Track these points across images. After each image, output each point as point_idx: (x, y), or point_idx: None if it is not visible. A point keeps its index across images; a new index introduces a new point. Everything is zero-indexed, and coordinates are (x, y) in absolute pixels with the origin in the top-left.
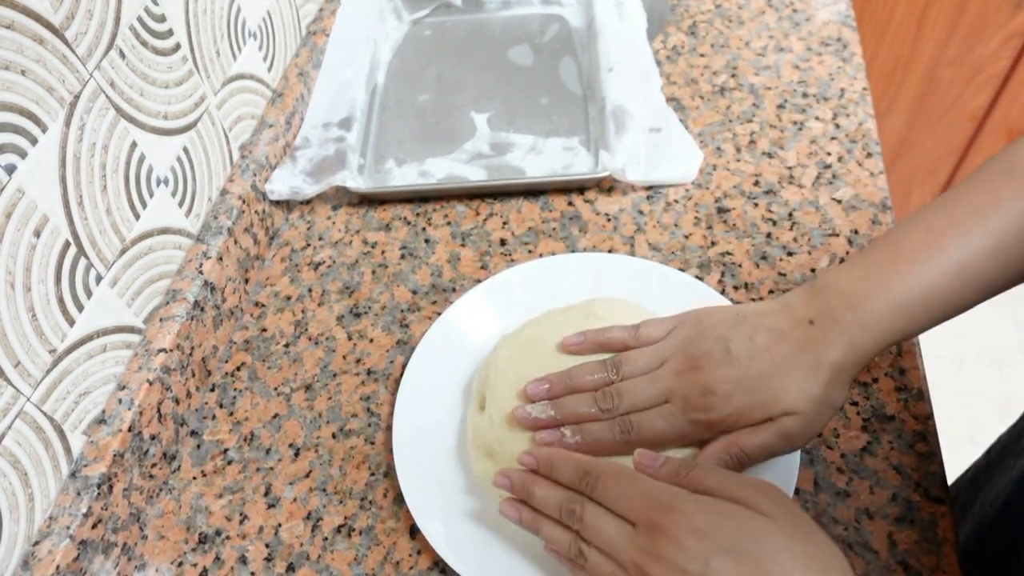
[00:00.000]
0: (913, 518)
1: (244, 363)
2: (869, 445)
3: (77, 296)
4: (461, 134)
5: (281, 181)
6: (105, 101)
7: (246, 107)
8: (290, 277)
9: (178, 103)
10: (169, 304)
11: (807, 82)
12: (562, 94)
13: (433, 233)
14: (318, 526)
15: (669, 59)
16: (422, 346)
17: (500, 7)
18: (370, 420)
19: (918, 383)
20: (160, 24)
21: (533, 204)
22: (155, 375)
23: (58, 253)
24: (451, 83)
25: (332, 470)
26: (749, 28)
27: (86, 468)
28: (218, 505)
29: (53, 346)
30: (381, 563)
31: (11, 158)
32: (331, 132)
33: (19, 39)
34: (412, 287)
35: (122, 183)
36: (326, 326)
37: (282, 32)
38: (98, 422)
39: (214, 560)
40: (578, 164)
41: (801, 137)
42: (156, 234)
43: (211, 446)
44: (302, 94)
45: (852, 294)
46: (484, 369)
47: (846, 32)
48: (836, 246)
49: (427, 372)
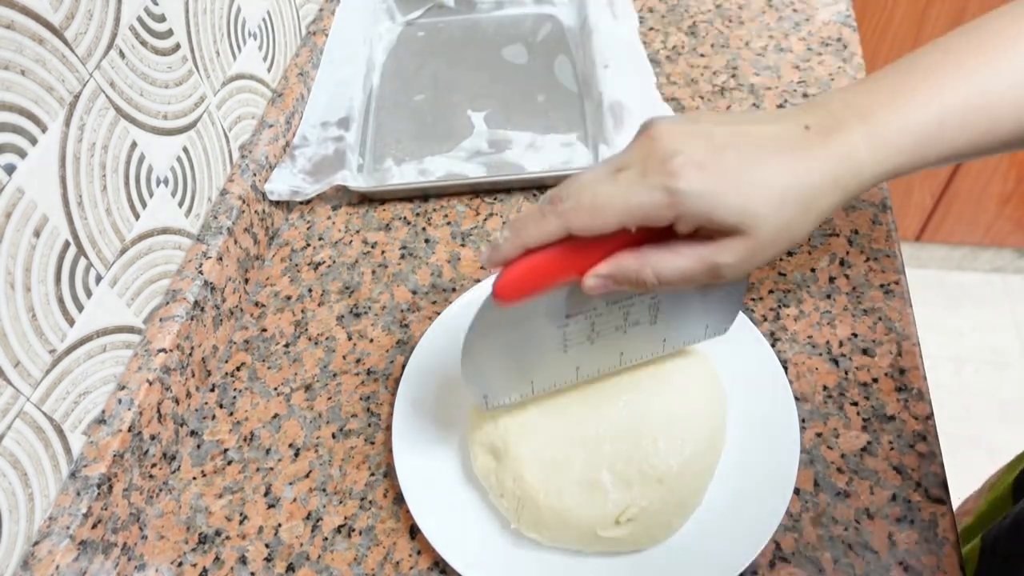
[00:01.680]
0: (913, 518)
1: (244, 363)
2: (869, 445)
3: (77, 296)
4: (459, 132)
5: (281, 181)
6: (105, 101)
7: (246, 107)
8: (290, 277)
9: (178, 103)
10: (169, 304)
11: (807, 82)
12: (558, 91)
13: (433, 233)
14: (318, 526)
15: (669, 59)
16: (423, 343)
17: (493, 7)
18: (370, 420)
19: (918, 383)
20: (160, 24)
21: (533, 204)
22: (155, 375)
23: (58, 253)
24: (447, 83)
25: (332, 470)
26: (749, 28)
27: (86, 468)
28: (218, 505)
29: (53, 346)
30: (381, 563)
31: (11, 158)
32: (330, 131)
33: (19, 39)
34: (412, 287)
35: (122, 183)
36: (326, 326)
37: (282, 32)
38: (98, 422)
39: (214, 560)
40: (577, 160)
41: None
42: (156, 234)
43: (211, 446)
44: (302, 94)
45: (863, 105)
46: None
47: (846, 32)
48: (836, 246)
49: (428, 369)
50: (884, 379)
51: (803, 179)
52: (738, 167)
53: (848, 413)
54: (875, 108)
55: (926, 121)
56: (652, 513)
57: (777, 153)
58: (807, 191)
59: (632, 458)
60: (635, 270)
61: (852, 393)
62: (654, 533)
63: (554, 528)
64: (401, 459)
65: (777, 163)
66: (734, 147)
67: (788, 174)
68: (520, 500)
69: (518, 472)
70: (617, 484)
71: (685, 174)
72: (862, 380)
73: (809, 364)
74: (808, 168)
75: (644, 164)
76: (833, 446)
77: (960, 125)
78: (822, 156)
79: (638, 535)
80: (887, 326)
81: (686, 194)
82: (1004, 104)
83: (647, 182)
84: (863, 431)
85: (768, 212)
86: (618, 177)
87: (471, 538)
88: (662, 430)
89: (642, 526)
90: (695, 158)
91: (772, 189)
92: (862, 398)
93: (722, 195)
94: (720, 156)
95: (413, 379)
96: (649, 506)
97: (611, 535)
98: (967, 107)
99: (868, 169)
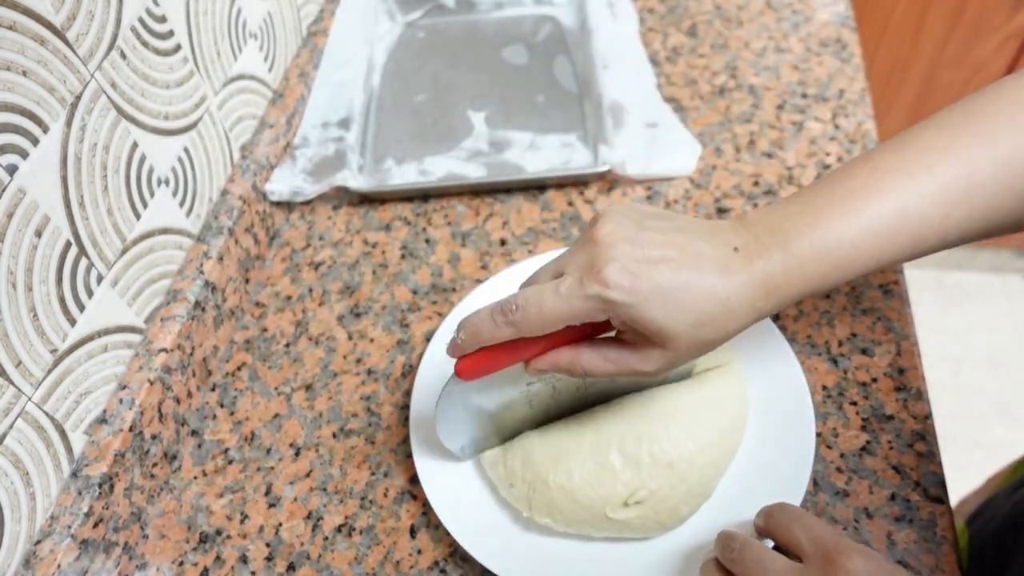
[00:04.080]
0: (912, 518)
1: (245, 363)
2: (868, 445)
3: (78, 296)
4: (459, 132)
5: (281, 181)
6: (106, 101)
7: (247, 107)
8: (291, 277)
9: (179, 103)
10: (170, 304)
11: (806, 83)
12: (558, 92)
13: (433, 233)
14: (318, 525)
15: (669, 59)
16: (439, 334)
17: (492, 8)
18: (370, 420)
19: (917, 383)
20: (161, 25)
21: (533, 204)
22: (156, 375)
23: (59, 253)
24: (447, 83)
25: (332, 470)
26: (749, 29)
27: (87, 467)
28: (219, 504)
29: (54, 346)
30: (381, 562)
31: (13, 158)
32: (330, 132)
33: (21, 40)
34: (412, 287)
35: (123, 183)
36: (326, 326)
37: (283, 32)
38: (99, 422)
39: (215, 559)
40: (576, 160)
41: (800, 137)
42: (157, 234)
43: (212, 446)
44: (303, 94)
45: (785, 231)
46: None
47: (845, 33)
48: None
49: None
50: (883, 379)
51: (723, 305)
52: (665, 285)
53: (847, 413)
54: (794, 235)
55: (839, 248)
56: (661, 498)
57: (705, 274)
58: (725, 315)
59: (642, 440)
60: (567, 366)
61: (851, 393)
62: (662, 519)
63: (565, 510)
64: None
65: (701, 284)
66: (667, 262)
67: (710, 298)
68: (531, 484)
69: (527, 453)
70: (627, 465)
71: (616, 285)
72: (861, 380)
73: (808, 364)
74: (728, 293)
75: (583, 271)
76: (832, 445)
77: (879, 245)
78: (743, 280)
79: (647, 519)
80: (886, 326)
81: (617, 303)
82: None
83: (584, 292)
84: (862, 431)
85: (685, 331)
86: (559, 288)
87: (485, 529)
88: (674, 417)
89: (651, 510)
90: (629, 270)
91: (691, 312)
92: (861, 398)
93: (646, 310)
94: (652, 270)
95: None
96: (658, 489)
97: (621, 517)
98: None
99: (783, 292)
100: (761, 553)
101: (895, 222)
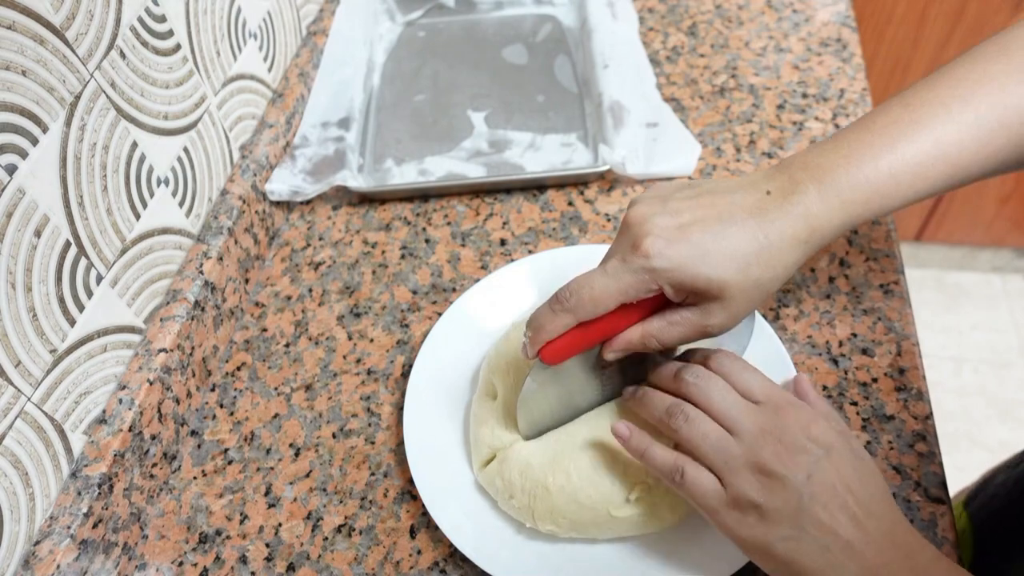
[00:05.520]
0: (913, 518)
1: (244, 363)
2: (869, 445)
3: (78, 296)
4: (459, 132)
5: (281, 181)
6: (106, 101)
7: (246, 107)
8: (290, 277)
9: (178, 103)
10: (169, 304)
11: (807, 82)
12: (558, 91)
13: (433, 233)
14: (318, 526)
15: (669, 59)
16: (433, 335)
17: (493, 8)
18: (370, 420)
19: (918, 383)
20: (160, 24)
21: (533, 204)
22: (155, 375)
23: (59, 253)
24: (447, 83)
25: (332, 470)
26: (749, 28)
27: (87, 468)
28: (218, 505)
29: (54, 346)
30: (381, 563)
31: (12, 158)
32: (330, 132)
33: (20, 40)
34: (412, 287)
35: (123, 183)
36: (326, 326)
37: (282, 32)
38: (99, 422)
39: (214, 560)
40: (577, 160)
41: (801, 137)
42: (156, 234)
43: (211, 446)
44: (302, 94)
45: (817, 167)
46: (494, 357)
47: (846, 32)
48: (836, 246)
49: (438, 360)
50: (883, 379)
51: (764, 241)
52: (702, 241)
53: (848, 413)
54: (829, 168)
55: (876, 177)
56: (661, 493)
57: (740, 221)
58: (768, 251)
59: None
60: (641, 340)
61: (852, 393)
62: (663, 514)
63: (568, 514)
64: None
65: (738, 231)
66: (699, 222)
67: (750, 240)
68: (531, 493)
69: (524, 462)
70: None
71: (657, 254)
72: (862, 380)
73: (809, 364)
74: (767, 231)
75: (624, 251)
76: None
77: (916, 175)
78: (780, 217)
79: (648, 516)
80: (886, 326)
81: (661, 270)
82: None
83: (629, 267)
84: (863, 431)
85: (734, 276)
86: (606, 268)
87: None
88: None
89: (651, 506)
90: (664, 236)
91: (735, 256)
92: (862, 398)
93: (691, 267)
94: (686, 232)
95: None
96: (657, 485)
97: (623, 514)
98: (922, 158)
99: (825, 224)
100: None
101: (933, 151)
